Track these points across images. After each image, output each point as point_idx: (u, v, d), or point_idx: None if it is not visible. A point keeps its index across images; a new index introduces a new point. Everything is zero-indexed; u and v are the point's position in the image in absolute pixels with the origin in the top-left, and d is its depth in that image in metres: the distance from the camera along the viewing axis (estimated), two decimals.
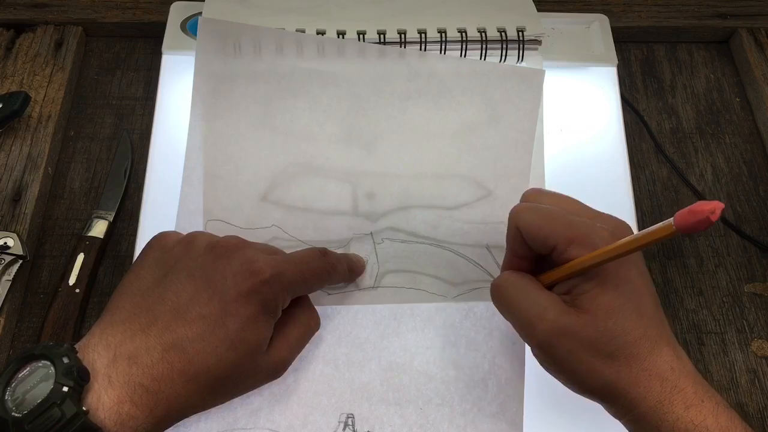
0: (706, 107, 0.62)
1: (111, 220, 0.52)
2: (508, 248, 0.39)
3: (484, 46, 0.52)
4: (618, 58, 0.56)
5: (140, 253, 0.39)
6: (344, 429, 0.43)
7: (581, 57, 0.57)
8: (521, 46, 0.52)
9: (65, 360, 0.31)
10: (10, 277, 0.48)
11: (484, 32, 0.52)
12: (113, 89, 0.60)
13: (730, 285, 0.54)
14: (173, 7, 0.56)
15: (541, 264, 0.39)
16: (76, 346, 0.33)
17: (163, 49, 0.54)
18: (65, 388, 0.30)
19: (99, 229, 0.52)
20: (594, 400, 0.37)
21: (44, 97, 0.57)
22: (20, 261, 0.49)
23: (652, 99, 0.62)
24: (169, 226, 0.47)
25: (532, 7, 0.54)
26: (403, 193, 0.49)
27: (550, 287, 0.38)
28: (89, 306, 0.50)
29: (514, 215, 0.38)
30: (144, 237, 0.48)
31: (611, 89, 0.56)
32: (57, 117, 0.56)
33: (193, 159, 0.47)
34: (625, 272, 0.35)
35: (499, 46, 0.52)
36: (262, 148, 0.48)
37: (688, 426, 0.33)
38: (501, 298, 0.39)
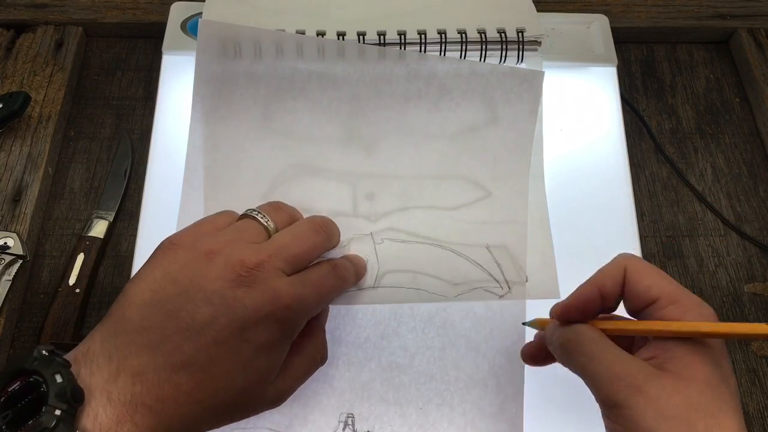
0: (706, 107, 0.62)
1: (111, 220, 0.52)
2: (595, 281, 0.36)
3: (483, 47, 0.52)
4: (618, 58, 0.57)
5: (150, 261, 0.36)
6: (344, 429, 0.43)
7: (581, 57, 0.57)
8: (521, 47, 0.52)
9: (58, 378, 0.29)
10: (10, 277, 0.48)
11: (484, 33, 0.52)
12: (113, 89, 0.60)
13: (730, 285, 0.54)
14: (173, 7, 0.56)
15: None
16: (74, 352, 0.32)
17: (164, 49, 0.54)
18: (57, 411, 0.29)
19: (99, 229, 0.52)
20: None
21: (44, 97, 0.57)
22: (20, 261, 0.49)
23: (652, 99, 0.62)
24: (169, 226, 0.46)
25: (532, 7, 0.54)
26: (403, 193, 0.49)
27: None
28: (89, 306, 0.50)
29: (625, 257, 0.36)
30: (144, 237, 0.48)
31: (611, 89, 0.56)
32: (57, 117, 0.56)
33: (194, 160, 0.47)
34: (720, 353, 0.33)
35: (499, 47, 0.52)
36: (263, 150, 0.48)
37: None
38: (577, 352, 0.35)
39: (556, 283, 0.47)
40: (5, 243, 0.49)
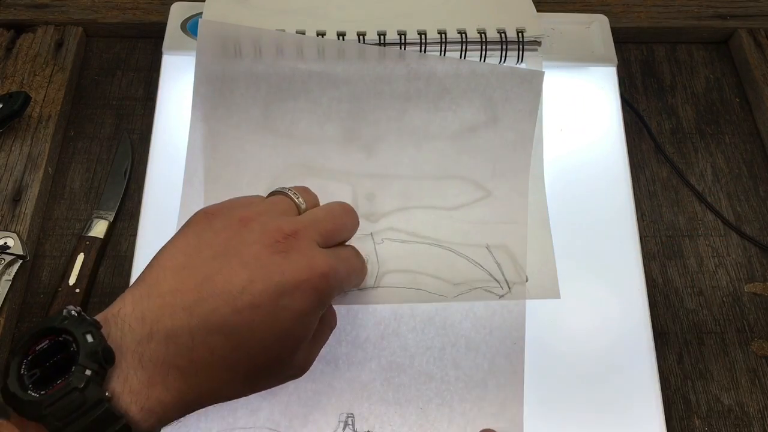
0: (706, 107, 0.62)
1: (111, 220, 0.52)
2: None
3: (483, 47, 0.52)
4: (618, 58, 0.57)
5: (183, 229, 0.36)
6: (344, 428, 0.43)
7: (581, 57, 0.57)
8: (521, 47, 0.52)
9: (89, 338, 0.28)
10: (10, 277, 0.48)
11: (484, 33, 0.52)
12: (113, 89, 0.60)
13: (730, 285, 0.54)
14: (173, 7, 0.56)
15: None
16: (103, 313, 0.31)
17: (164, 49, 0.54)
18: (88, 372, 0.28)
19: (99, 229, 0.52)
20: None
21: (44, 97, 0.57)
22: (20, 261, 0.49)
23: (652, 99, 0.62)
24: (170, 226, 0.47)
25: (532, 7, 0.54)
26: (403, 193, 0.49)
27: None
28: (89, 306, 0.50)
29: None
30: (144, 237, 0.48)
31: (611, 89, 0.56)
32: (57, 117, 0.56)
33: (194, 160, 0.47)
34: None
35: (499, 47, 0.52)
36: (263, 150, 0.48)
37: None
38: None
39: (556, 283, 0.47)
40: (5, 243, 0.49)
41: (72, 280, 0.49)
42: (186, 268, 0.33)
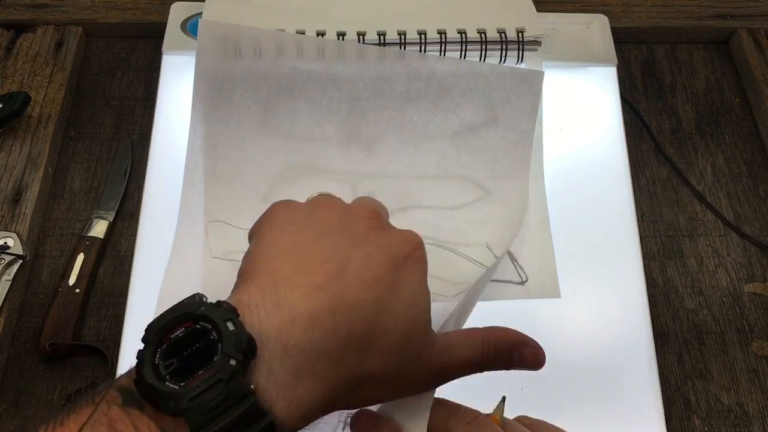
0: (706, 107, 0.62)
1: (111, 220, 0.52)
2: None
3: (483, 47, 0.52)
4: (618, 58, 0.57)
5: (265, 220, 0.33)
6: (344, 429, 0.43)
7: (581, 57, 0.57)
8: (521, 47, 0.52)
9: (230, 326, 0.26)
10: (10, 277, 0.48)
11: (484, 33, 0.52)
12: (113, 89, 0.60)
13: (730, 285, 0.54)
14: (173, 7, 0.56)
15: None
16: (230, 302, 0.28)
17: (164, 49, 0.54)
18: (232, 362, 0.25)
19: (99, 229, 0.52)
20: None
21: (44, 97, 0.57)
22: (20, 261, 0.49)
23: (652, 99, 0.62)
24: (170, 226, 0.47)
25: (532, 7, 0.54)
26: (403, 193, 0.49)
27: None
28: (89, 306, 0.50)
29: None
30: (144, 237, 0.48)
31: (611, 89, 0.56)
32: (57, 117, 0.56)
33: (194, 160, 0.47)
34: None
35: (499, 47, 0.52)
36: (263, 150, 0.48)
37: None
38: None
39: (556, 282, 0.47)
40: (5, 243, 0.49)
41: (72, 280, 0.49)
42: (297, 251, 0.30)
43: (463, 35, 0.51)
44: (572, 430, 0.41)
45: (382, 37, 0.51)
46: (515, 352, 0.34)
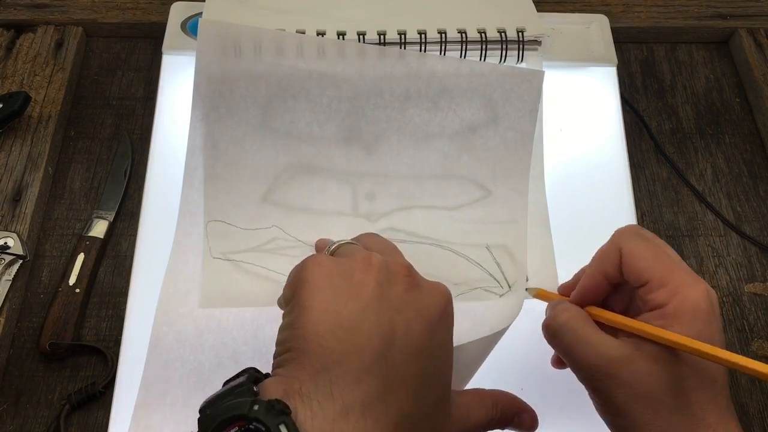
0: (706, 107, 0.62)
1: (111, 220, 0.52)
2: (597, 267, 0.37)
3: (483, 46, 0.52)
4: (618, 58, 0.57)
5: (304, 285, 0.32)
6: None
7: (581, 57, 0.57)
8: (521, 46, 0.52)
9: (283, 430, 0.26)
10: (10, 277, 0.48)
11: (484, 33, 0.52)
12: (113, 89, 0.60)
13: (730, 285, 0.54)
14: (173, 7, 0.56)
15: (618, 291, 0.38)
16: (281, 387, 0.28)
17: (164, 49, 0.54)
18: None
19: (99, 229, 0.52)
20: None
21: (44, 97, 0.57)
22: (20, 261, 0.49)
23: (652, 99, 0.62)
24: (170, 226, 0.47)
25: (532, 7, 0.54)
26: (403, 193, 0.49)
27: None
28: (89, 306, 0.50)
29: (621, 237, 0.37)
30: (144, 237, 0.48)
31: (611, 89, 0.56)
32: (57, 117, 0.56)
33: (194, 160, 0.47)
34: (710, 333, 0.33)
35: (499, 46, 0.52)
36: (263, 149, 0.48)
37: None
38: (556, 341, 0.37)
39: (557, 283, 0.47)
40: (5, 243, 0.49)
41: (72, 280, 0.49)
42: (343, 328, 0.30)
43: (464, 35, 0.51)
44: (572, 430, 0.41)
45: (382, 36, 0.51)
46: (517, 417, 0.37)
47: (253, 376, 0.29)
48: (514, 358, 0.46)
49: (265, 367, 0.43)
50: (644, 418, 0.33)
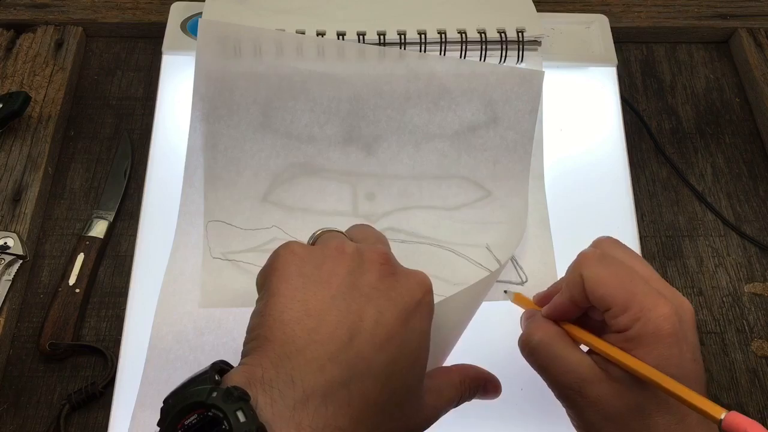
0: (706, 107, 0.62)
1: (111, 220, 0.52)
2: (566, 293, 0.37)
3: (483, 47, 0.52)
4: (618, 58, 0.57)
5: (274, 272, 0.32)
6: None
7: (581, 57, 0.57)
8: (521, 46, 0.52)
9: (240, 417, 0.26)
10: (10, 277, 0.48)
11: (484, 33, 0.52)
12: (113, 89, 0.60)
13: (730, 285, 0.54)
14: (173, 7, 0.56)
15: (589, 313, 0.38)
16: (243, 375, 0.28)
17: (164, 49, 0.54)
18: None
19: (99, 229, 0.52)
20: None
21: (44, 97, 0.57)
22: (20, 261, 0.49)
23: (652, 99, 0.62)
24: (170, 226, 0.47)
25: (532, 7, 0.54)
26: (403, 193, 0.49)
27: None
28: (89, 306, 0.50)
29: (581, 262, 0.36)
30: (144, 237, 0.48)
31: (611, 89, 0.56)
32: (57, 117, 0.56)
33: (194, 160, 0.47)
34: (674, 355, 0.33)
35: (499, 47, 0.52)
36: (263, 149, 0.48)
37: None
38: (532, 357, 0.37)
39: None
40: (5, 243, 0.49)
41: (72, 280, 0.49)
42: (310, 316, 0.30)
43: (463, 35, 0.51)
44: (572, 430, 0.41)
45: (382, 37, 0.51)
46: (482, 387, 0.38)
47: (217, 366, 0.29)
48: (514, 358, 0.46)
49: None
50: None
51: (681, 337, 0.33)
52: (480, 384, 0.38)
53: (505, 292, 0.42)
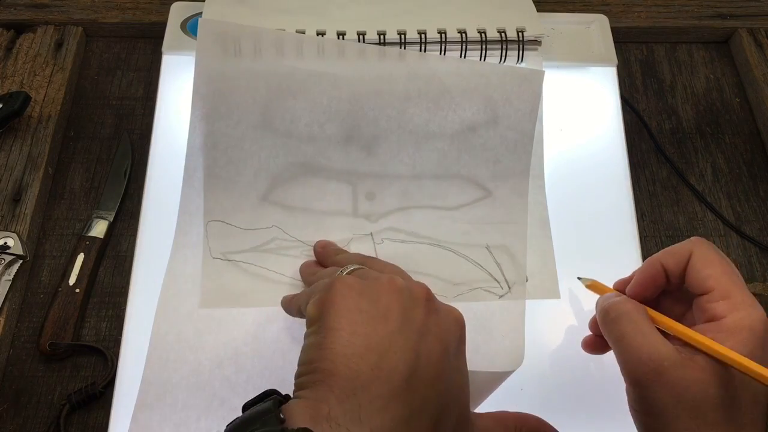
0: (706, 107, 0.62)
1: (111, 220, 0.52)
2: (663, 258, 0.37)
3: (483, 46, 0.52)
4: (618, 58, 0.56)
5: (332, 307, 0.32)
6: None
7: (581, 57, 0.57)
8: (521, 46, 0.52)
9: None
10: (10, 277, 0.48)
11: (484, 33, 0.52)
12: (113, 89, 0.60)
13: None
14: (173, 7, 0.56)
15: (662, 303, 0.39)
16: (310, 412, 0.28)
17: (164, 49, 0.54)
18: None
19: (99, 229, 0.52)
20: None
21: (44, 97, 0.57)
22: (20, 261, 0.49)
23: (652, 99, 0.62)
24: (170, 226, 0.47)
25: (532, 7, 0.54)
26: (403, 193, 0.49)
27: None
28: (89, 306, 0.50)
29: (694, 242, 0.37)
30: (144, 237, 0.48)
31: (611, 89, 0.56)
32: (57, 117, 0.56)
33: (194, 160, 0.47)
34: (763, 355, 0.33)
35: (499, 46, 0.52)
36: (263, 149, 0.48)
37: None
38: (612, 326, 0.37)
39: (556, 283, 0.47)
40: (5, 243, 0.49)
41: (72, 280, 0.49)
42: (373, 352, 0.30)
43: (463, 35, 0.51)
44: (572, 429, 0.41)
45: (382, 36, 0.51)
46: None
47: (277, 400, 0.29)
48: None
49: (267, 367, 0.43)
50: (681, 424, 0.33)
51: (767, 343, 0.34)
52: None
53: (579, 278, 0.43)
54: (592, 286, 0.42)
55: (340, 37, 0.50)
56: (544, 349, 0.46)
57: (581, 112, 0.55)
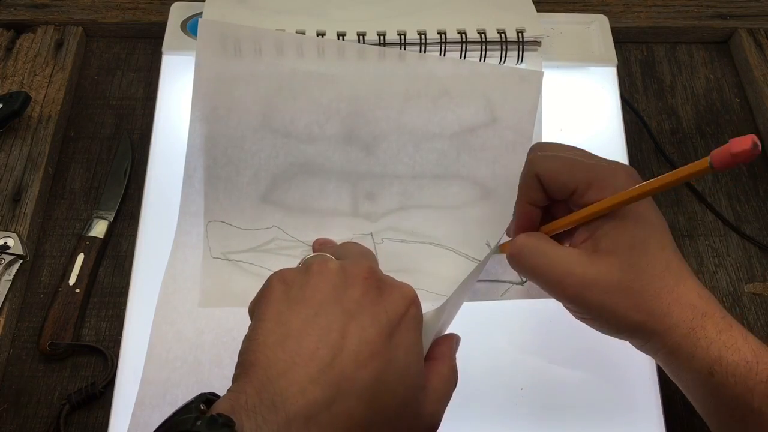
0: (706, 107, 0.62)
1: (111, 220, 0.52)
2: (522, 197, 0.39)
3: (483, 47, 0.52)
4: (618, 58, 0.57)
5: (263, 298, 0.33)
6: None
7: (581, 57, 0.57)
8: (521, 47, 0.52)
9: None
10: (10, 277, 0.48)
11: (484, 33, 0.52)
12: (113, 89, 0.60)
13: (730, 285, 0.54)
14: (173, 7, 0.56)
15: (551, 211, 0.40)
16: (227, 402, 0.28)
17: (164, 49, 0.54)
18: None
19: (99, 229, 0.52)
20: (627, 340, 0.37)
21: (44, 97, 0.57)
22: (20, 261, 0.49)
23: (652, 99, 0.62)
24: (170, 226, 0.47)
25: (532, 8, 0.54)
26: (403, 193, 0.49)
27: (563, 235, 0.38)
28: (89, 306, 0.50)
29: (533, 162, 0.38)
30: (144, 237, 0.48)
31: (611, 89, 0.56)
32: (57, 117, 0.56)
33: (194, 160, 0.47)
34: (644, 210, 0.36)
35: (499, 47, 0.52)
36: (263, 149, 0.48)
37: (720, 348, 0.34)
38: (523, 264, 0.38)
39: None
40: (5, 243, 0.49)
41: (72, 280, 0.49)
42: (291, 337, 0.30)
43: (463, 35, 0.51)
44: (572, 430, 0.41)
45: (382, 37, 0.51)
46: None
47: (204, 396, 0.29)
48: (514, 358, 0.46)
49: None
50: (614, 307, 0.35)
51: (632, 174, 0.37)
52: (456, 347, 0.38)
53: (487, 244, 0.44)
54: (503, 247, 0.42)
55: (340, 37, 0.50)
56: (544, 348, 0.46)
57: (581, 112, 0.55)
